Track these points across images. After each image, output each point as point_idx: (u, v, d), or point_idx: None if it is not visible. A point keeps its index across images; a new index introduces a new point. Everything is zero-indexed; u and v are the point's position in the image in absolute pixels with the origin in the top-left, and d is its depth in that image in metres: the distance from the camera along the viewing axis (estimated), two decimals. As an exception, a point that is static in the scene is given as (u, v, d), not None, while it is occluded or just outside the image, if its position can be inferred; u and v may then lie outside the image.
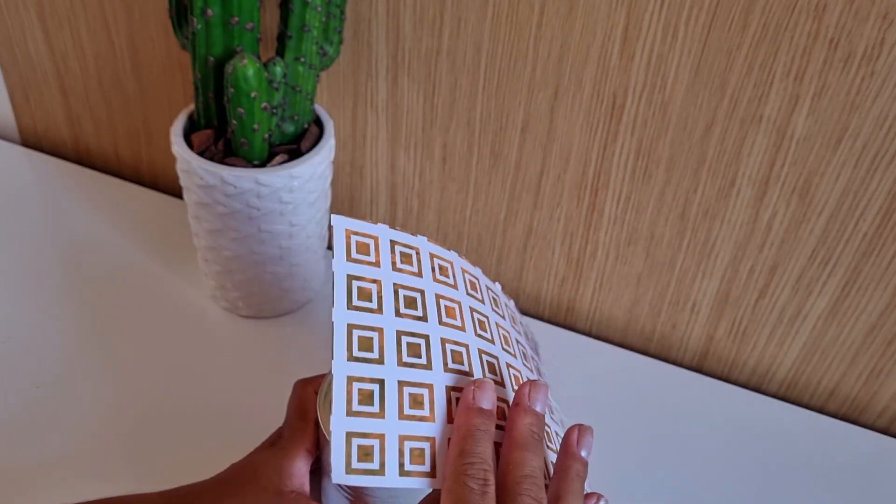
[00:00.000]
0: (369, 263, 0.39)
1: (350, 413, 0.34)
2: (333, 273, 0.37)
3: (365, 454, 0.33)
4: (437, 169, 0.67)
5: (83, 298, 0.67)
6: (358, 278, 0.38)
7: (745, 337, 0.66)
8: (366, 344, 0.36)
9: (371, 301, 0.37)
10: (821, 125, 0.54)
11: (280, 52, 0.57)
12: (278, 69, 0.55)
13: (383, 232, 0.41)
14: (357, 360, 0.35)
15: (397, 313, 0.38)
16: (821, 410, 0.67)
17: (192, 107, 0.61)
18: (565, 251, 0.68)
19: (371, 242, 0.40)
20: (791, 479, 0.60)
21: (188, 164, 0.57)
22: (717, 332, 0.67)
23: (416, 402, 0.36)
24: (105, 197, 0.79)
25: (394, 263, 0.40)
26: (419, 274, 0.41)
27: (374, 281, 0.38)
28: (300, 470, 0.42)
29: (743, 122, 0.56)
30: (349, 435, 0.34)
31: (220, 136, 0.59)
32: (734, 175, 0.58)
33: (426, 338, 0.38)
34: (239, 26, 0.54)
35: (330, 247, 0.76)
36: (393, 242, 0.41)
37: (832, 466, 0.61)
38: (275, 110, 0.56)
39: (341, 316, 0.36)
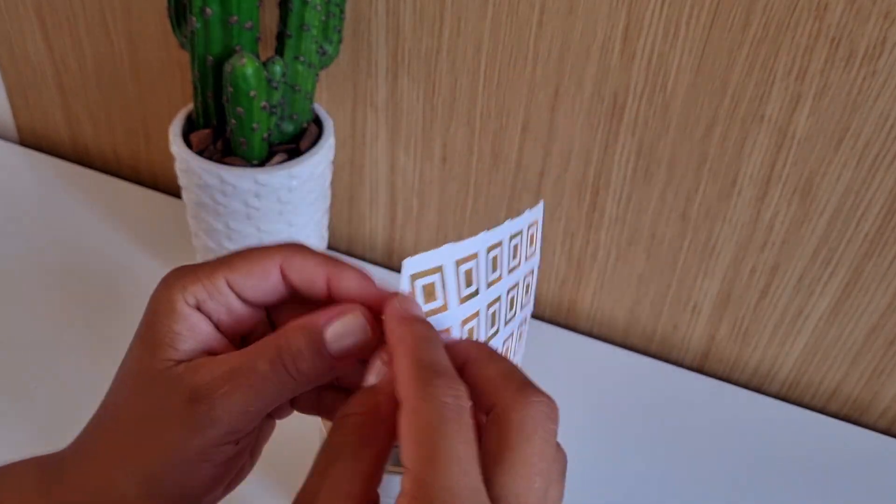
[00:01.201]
0: (434, 311, 0.34)
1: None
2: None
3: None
4: (437, 168, 0.67)
5: (82, 298, 0.67)
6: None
7: (746, 337, 0.66)
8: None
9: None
10: (822, 125, 0.54)
11: (279, 52, 0.57)
12: (277, 68, 0.55)
13: (448, 257, 0.35)
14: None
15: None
16: (822, 411, 0.67)
17: (190, 106, 0.60)
18: (566, 251, 0.67)
19: (437, 280, 0.34)
20: (793, 480, 0.59)
21: (187, 163, 0.57)
22: (718, 333, 0.67)
23: None
24: (104, 197, 0.79)
25: (458, 291, 0.35)
26: (475, 294, 0.36)
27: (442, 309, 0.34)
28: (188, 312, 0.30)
29: (744, 122, 0.56)
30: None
31: (218, 136, 0.59)
32: (735, 175, 0.58)
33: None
34: (238, 25, 0.54)
35: (331, 247, 0.76)
36: (458, 263, 0.35)
37: (834, 467, 0.61)
38: (274, 109, 0.56)
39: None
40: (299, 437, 0.46)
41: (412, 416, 0.25)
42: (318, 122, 0.62)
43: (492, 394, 0.27)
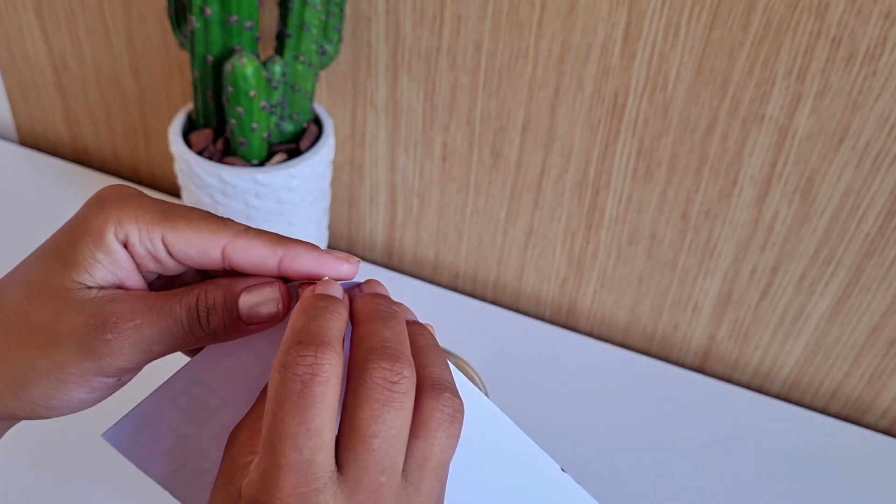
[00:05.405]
0: None
1: None
2: None
3: None
4: (437, 168, 0.67)
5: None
6: None
7: (747, 337, 0.66)
8: None
9: None
10: (823, 124, 0.54)
11: (279, 51, 0.57)
12: (277, 68, 0.54)
13: None
14: None
15: None
16: (823, 411, 0.66)
17: (190, 106, 0.60)
18: (566, 251, 0.67)
19: None
20: (793, 480, 0.59)
21: (186, 163, 0.57)
22: (718, 333, 0.66)
23: None
24: (103, 197, 0.78)
25: None
26: None
27: None
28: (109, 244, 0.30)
29: (745, 122, 0.55)
30: None
31: (218, 136, 0.59)
32: (736, 175, 0.58)
33: None
34: (238, 25, 0.54)
35: (331, 247, 0.76)
36: None
37: (834, 467, 0.60)
38: (274, 109, 0.56)
39: None
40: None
41: (270, 386, 0.26)
42: (317, 122, 0.62)
43: (350, 359, 0.28)
